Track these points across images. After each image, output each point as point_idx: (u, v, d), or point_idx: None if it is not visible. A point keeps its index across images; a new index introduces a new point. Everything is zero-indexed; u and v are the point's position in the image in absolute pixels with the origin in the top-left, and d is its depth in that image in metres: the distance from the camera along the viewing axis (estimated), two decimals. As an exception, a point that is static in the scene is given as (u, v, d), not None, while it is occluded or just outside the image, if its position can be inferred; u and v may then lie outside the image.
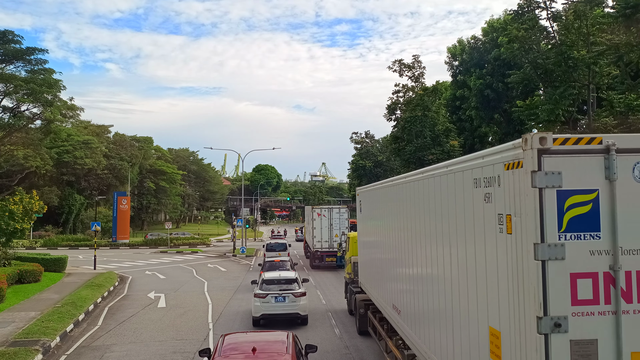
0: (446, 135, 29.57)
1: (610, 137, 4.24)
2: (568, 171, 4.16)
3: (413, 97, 29.63)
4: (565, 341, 4.10)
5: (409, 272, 8.67)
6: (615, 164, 4.19)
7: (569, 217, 4.16)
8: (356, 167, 40.88)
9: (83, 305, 18.50)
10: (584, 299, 4.16)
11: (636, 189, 4.23)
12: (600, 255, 4.18)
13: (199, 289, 23.55)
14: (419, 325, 7.92)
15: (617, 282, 4.16)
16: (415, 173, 8.48)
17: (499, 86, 45.48)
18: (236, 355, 7.52)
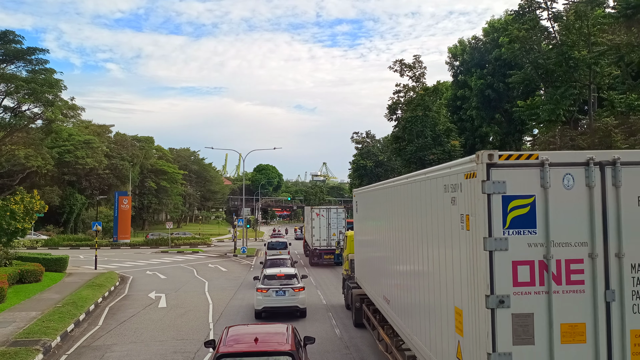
0: (447, 135, 29.56)
1: (545, 153, 5.29)
2: (511, 180, 5.21)
3: (414, 97, 29.62)
4: (507, 314, 5.15)
5: (396, 265, 9.73)
6: (549, 175, 5.23)
7: (511, 217, 5.22)
8: (357, 167, 40.85)
9: (84, 305, 18.52)
10: (523, 281, 5.21)
11: (565, 195, 5.27)
12: (536, 247, 5.24)
13: (200, 289, 23.57)
14: (404, 313, 9.03)
15: (549, 268, 5.22)
16: (401, 178, 9.61)
17: (499, 86, 45.46)
18: (239, 345, 7.99)
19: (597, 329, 5.29)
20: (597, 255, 5.33)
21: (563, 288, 5.29)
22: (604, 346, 5.27)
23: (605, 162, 5.40)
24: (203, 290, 23.20)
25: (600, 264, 5.33)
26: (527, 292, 5.24)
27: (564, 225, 5.30)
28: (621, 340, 5.29)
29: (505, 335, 5.19)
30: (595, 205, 5.35)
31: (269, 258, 24.95)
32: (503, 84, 45.75)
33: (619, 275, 5.33)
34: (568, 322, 5.29)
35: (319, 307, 19.11)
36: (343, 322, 16.38)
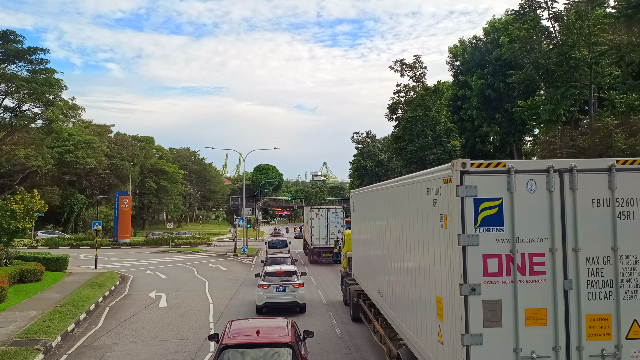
0: (447, 135, 29.53)
1: (511, 162, 6.09)
2: (481, 185, 5.98)
3: (414, 97, 29.59)
4: (478, 301, 5.91)
5: (389, 260, 10.51)
6: (514, 180, 6.00)
7: (482, 217, 5.99)
8: (357, 167, 40.81)
9: (84, 304, 18.53)
10: (492, 272, 5.97)
11: (528, 197, 6.04)
12: (503, 243, 6.00)
13: (200, 289, 23.58)
14: (396, 305, 9.87)
15: (515, 261, 5.99)
16: (393, 181, 10.53)
17: (500, 86, 45.42)
18: (242, 338, 8.48)
19: (557, 314, 6.06)
20: (557, 249, 6.11)
21: (527, 278, 6.06)
22: (562, 328, 6.05)
23: (563, 169, 6.18)
24: (203, 290, 23.21)
25: (559, 257, 6.11)
26: (496, 281, 6.03)
27: (528, 223, 6.07)
28: (578, 324, 6.06)
29: (476, 318, 5.97)
30: (554, 207, 6.13)
31: (269, 256, 25.87)
32: (503, 84, 45.72)
33: (576, 267, 6.12)
34: (531, 307, 6.05)
35: (318, 303, 19.81)
36: (341, 317, 17.13)
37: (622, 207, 6.18)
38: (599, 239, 6.17)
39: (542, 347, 6.04)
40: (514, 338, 5.99)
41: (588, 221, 6.15)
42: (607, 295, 6.14)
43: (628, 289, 6.15)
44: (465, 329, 5.95)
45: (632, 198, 6.20)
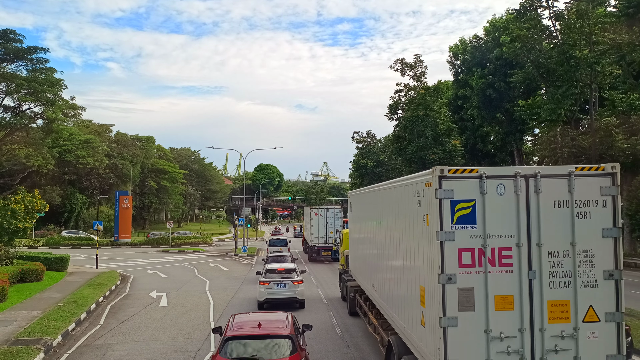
0: (448, 135, 29.51)
1: (483, 168, 6.92)
2: (457, 188, 6.79)
3: (415, 96, 29.56)
4: (454, 288, 6.73)
5: (381, 256, 11.44)
6: (486, 184, 6.82)
7: (457, 216, 6.81)
8: (357, 166, 40.75)
9: (85, 304, 18.53)
10: (466, 264, 6.79)
11: (498, 199, 6.86)
12: (476, 238, 6.82)
13: (201, 288, 23.58)
14: (387, 296, 10.76)
15: (486, 254, 6.79)
16: (385, 183, 11.54)
17: (500, 85, 45.45)
18: (244, 330, 9.06)
19: (522, 300, 6.89)
20: (522, 244, 6.93)
21: (496, 269, 6.90)
22: (527, 313, 6.87)
23: (529, 175, 7.00)
24: (204, 290, 23.21)
25: (524, 251, 6.95)
26: (469, 271, 6.86)
27: (497, 221, 6.91)
28: (540, 309, 6.89)
29: (452, 304, 6.81)
30: (521, 207, 6.96)
31: (270, 255, 26.86)
32: (504, 83, 45.74)
33: (539, 259, 6.94)
34: (500, 294, 6.88)
35: (317, 299, 20.56)
36: (338, 312, 17.94)
37: (579, 208, 7.02)
38: (559, 236, 7.00)
39: (510, 328, 6.89)
40: (485, 321, 6.86)
41: (550, 220, 7.00)
42: (566, 284, 6.99)
43: (585, 279, 7.01)
44: (443, 312, 6.83)
45: (589, 200, 7.04)
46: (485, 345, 6.82)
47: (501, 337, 6.84)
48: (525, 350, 6.86)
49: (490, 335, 6.81)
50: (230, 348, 8.58)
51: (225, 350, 8.54)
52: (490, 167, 7.73)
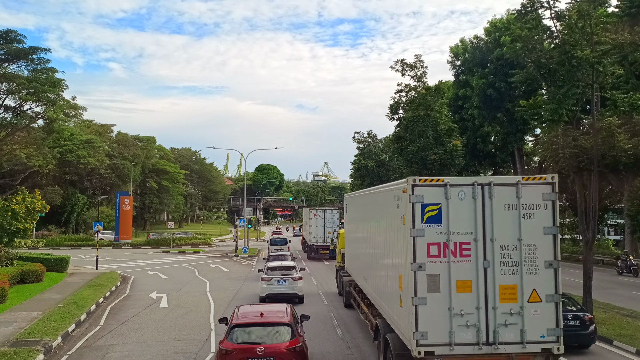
0: (449, 135, 29.39)
1: (447, 178, 8.49)
2: (427, 194, 8.30)
3: (415, 96, 29.48)
4: (424, 275, 8.28)
5: (370, 251, 13.06)
6: (449, 191, 8.37)
7: (427, 216, 8.35)
8: (358, 167, 40.62)
9: (85, 305, 18.48)
10: (433, 255, 8.36)
11: (459, 203, 8.38)
12: (441, 234, 8.40)
13: (201, 289, 23.52)
14: (375, 285, 12.36)
15: (449, 247, 8.33)
16: (373, 188, 13.35)
17: (501, 86, 45.32)
18: (248, 319, 10.16)
19: (478, 284, 8.47)
20: (479, 239, 8.52)
21: (457, 259, 8.47)
22: (482, 294, 8.47)
23: (484, 183, 8.63)
24: (204, 291, 23.16)
25: (480, 245, 8.53)
26: (436, 261, 8.44)
27: (458, 221, 8.47)
28: (493, 291, 8.47)
29: (422, 287, 8.39)
30: (477, 210, 8.53)
31: (271, 254, 27.92)
32: (505, 83, 45.60)
33: (492, 251, 8.53)
34: (460, 279, 8.45)
35: (315, 294, 22.09)
36: (335, 305, 19.57)
37: (525, 210, 8.56)
38: (508, 232, 8.56)
39: (468, 307, 8.43)
40: (448, 300, 8.43)
41: (501, 220, 8.57)
42: (514, 272, 8.55)
43: (529, 267, 8.56)
44: (414, 294, 8.42)
45: (533, 204, 8.56)
46: (449, 320, 8.42)
47: (461, 314, 8.44)
48: (480, 324, 8.46)
49: (452, 312, 8.42)
50: (236, 334, 9.75)
51: (232, 336, 9.72)
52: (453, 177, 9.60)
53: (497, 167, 55.79)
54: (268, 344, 9.51)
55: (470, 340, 8.45)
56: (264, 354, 9.35)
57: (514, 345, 8.48)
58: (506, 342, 8.47)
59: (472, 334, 8.45)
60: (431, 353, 8.38)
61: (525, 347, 8.47)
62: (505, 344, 8.46)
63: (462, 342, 8.43)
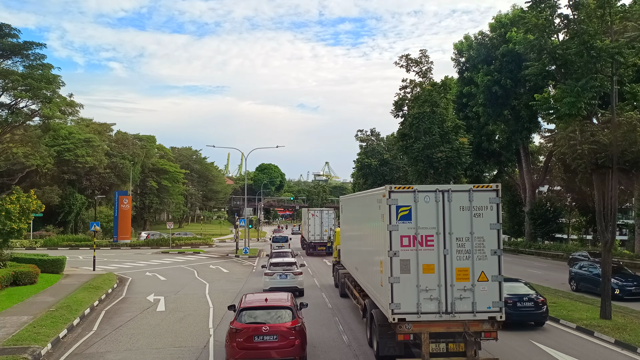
0: (455, 133, 28.54)
1: (416, 186, 10.69)
2: (400, 198, 10.37)
3: (421, 93, 28.64)
4: (398, 260, 10.37)
5: (360, 245, 15.33)
6: (417, 196, 10.55)
7: (400, 215, 10.36)
8: (361, 165, 39.74)
9: (79, 309, 17.66)
10: (405, 244, 10.39)
11: (425, 205, 10.50)
12: (411, 229, 10.43)
13: (200, 292, 22.70)
14: (363, 272, 14.63)
15: (417, 239, 10.38)
16: (361, 193, 16.28)
17: (507, 82, 44.44)
18: (255, 303, 11.79)
19: (439, 267, 10.59)
20: (440, 233, 10.60)
21: (423, 248, 10.57)
22: (442, 275, 10.57)
23: (444, 190, 10.78)
24: (204, 293, 22.34)
25: (441, 237, 10.63)
26: (407, 249, 10.54)
27: (425, 219, 10.58)
28: (451, 272, 10.59)
29: (396, 269, 10.50)
30: (439, 210, 10.64)
31: (274, 250, 30.62)
32: (511, 80, 44.76)
33: (450, 242, 10.61)
34: (426, 263, 10.56)
35: (314, 286, 24.18)
36: (330, 295, 21.78)
37: (476, 211, 10.67)
38: (463, 228, 10.67)
39: (432, 284, 10.61)
40: (416, 279, 10.58)
41: (457, 218, 10.68)
42: (467, 258, 10.65)
43: (479, 255, 10.65)
44: (391, 274, 10.57)
45: (482, 206, 10.71)
46: (417, 294, 10.60)
47: (426, 290, 10.60)
48: (441, 298, 10.64)
49: (419, 289, 10.59)
50: (244, 316, 11.35)
51: (241, 318, 11.31)
52: (420, 185, 12.44)
53: (502, 166, 54.87)
54: (272, 324, 11.15)
55: (433, 310, 10.63)
56: (269, 332, 11.01)
57: (467, 314, 10.65)
58: (461, 312, 10.64)
59: (435, 305, 10.63)
60: (403, 319, 10.60)
61: (476, 315, 10.65)
62: (460, 313, 10.63)
63: (426, 312, 10.62)
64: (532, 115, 46.45)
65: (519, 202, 54.15)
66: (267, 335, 10.95)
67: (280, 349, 10.92)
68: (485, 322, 10.70)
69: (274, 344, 10.94)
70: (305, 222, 47.03)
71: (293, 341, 10.98)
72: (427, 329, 10.64)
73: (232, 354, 10.99)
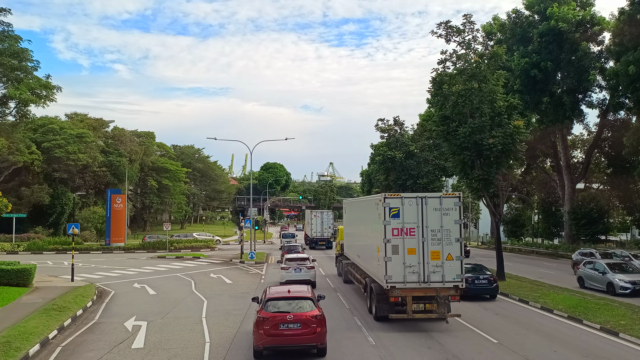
0: (508, 114, 23.39)
1: (403, 194, 16.18)
2: (392, 202, 15.82)
3: (466, 66, 23.49)
4: (390, 245, 15.53)
5: (361, 238, 20.63)
6: (404, 201, 15.89)
7: (391, 214, 15.68)
8: (383, 159, 34.59)
9: (21, 347, 12.60)
10: (395, 234, 15.60)
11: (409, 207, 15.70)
12: (399, 224, 15.64)
13: (195, 314, 17.66)
14: (364, 258, 19.78)
15: (403, 230, 15.59)
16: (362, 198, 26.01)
17: (547, 65, 39.28)
18: (280, 294, 12.94)
19: (419, 250, 15.34)
20: (419, 227, 15.42)
21: (408, 237, 15.38)
22: (421, 255, 15.32)
23: (423, 197, 15.68)
24: (199, 316, 17.30)
25: (420, 230, 15.43)
26: (396, 238, 15.36)
27: (409, 217, 15.44)
28: (427, 254, 15.34)
29: (389, 251, 15.32)
30: (419, 211, 15.51)
31: (285, 245, 34.76)
32: (551, 62, 39.61)
33: (427, 233, 15.38)
34: (409, 247, 15.35)
35: (319, 275, 26.61)
36: (334, 282, 25.45)
37: (445, 211, 15.41)
38: (435, 223, 15.34)
39: (414, 262, 15.26)
40: (403, 259, 15.23)
41: (431, 216, 15.39)
42: (438, 244, 15.32)
43: (446, 241, 15.34)
44: (385, 255, 15.24)
45: (449, 207, 15.44)
46: (403, 269, 15.24)
47: (410, 266, 15.26)
48: (420, 271, 15.25)
49: (405, 265, 15.26)
50: (270, 306, 12.37)
51: (267, 307, 12.33)
52: (406, 193, 16.95)
53: (533, 161, 49.40)
54: (295, 313, 12.10)
55: (415, 280, 15.27)
56: (293, 320, 11.95)
57: (438, 283, 15.28)
58: (434, 281, 15.28)
59: (416, 277, 15.27)
60: (394, 287, 15.25)
61: (444, 284, 15.29)
62: (434, 282, 15.27)
63: (410, 281, 15.26)
64: (575, 103, 41.32)
65: (554, 201, 48.99)
66: (291, 323, 11.90)
67: (303, 336, 11.86)
68: (451, 289, 15.29)
69: (297, 331, 11.85)
70: (308, 222, 54.34)
71: (315, 329, 11.92)
72: (410, 293, 15.20)
73: (260, 340, 11.88)
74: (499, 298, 21.24)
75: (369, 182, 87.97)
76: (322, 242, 49.35)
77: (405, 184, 34.45)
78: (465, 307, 17.93)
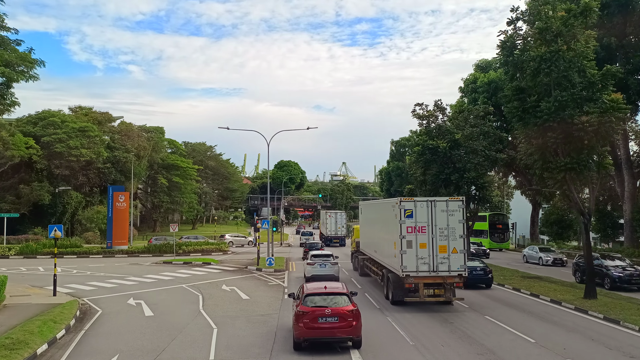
0: (603, 85, 18.15)
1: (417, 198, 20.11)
2: (406, 204, 19.25)
3: (548, 23, 18.26)
4: (405, 240, 18.85)
5: (378, 235, 23.62)
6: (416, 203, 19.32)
7: (406, 214, 19.05)
8: (422, 150, 29.56)
9: None
10: (409, 232, 18.92)
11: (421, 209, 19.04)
12: (413, 223, 19.07)
13: (201, 353, 12.73)
14: (380, 252, 22.93)
15: (416, 228, 19.01)
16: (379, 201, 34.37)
17: (611, 41, 33.85)
18: (317, 290, 13.77)
19: (429, 245, 18.69)
20: (429, 225, 18.82)
21: (420, 234, 18.73)
22: (431, 249, 18.67)
23: (432, 200, 19.20)
24: (206, 357, 12.41)
25: (430, 228, 18.80)
26: (410, 234, 18.70)
27: (421, 217, 18.81)
28: (436, 248, 18.67)
29: (404, 246, 18.64)
30: (429, 212, 18.88)
31: (307, 242, 39.91)
32: (615, 38, 34.13)
33: (436, 231, 18.75)
34: (421, 242, 18.68)
35: None
36: (351, 275, 29.38)
37: (451, 212, 18.75)
38: (443, 222, 18.69)
39: (425, 255, 18.51)
40: (416, 252, 18.51)
41: (440, 216, 18.71)
42: (445, 239, 18.58)
43: (452, 237, 18.59)
44: (401, 249, 18.53)
45: (454, 209, 18.79)
46: (416, 260, 18.36)
47: (422, 258, 18.36)
48: (430, 263, 18.35)
49: (417, 257, 18.37)
50: (309, 301, 13.16)
51: (306, 302, 13.12)
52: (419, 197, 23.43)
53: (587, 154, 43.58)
54: (332, 307, 13.00)
55: (426, 270, 18.33)
56: (331, 314, 12.83)
57: (445, 272, 18.38)
58: (441, 271, 18.37)
59: (427, 267, 18.33)
60: (408, 275, 18.28)
61: (450, 273, 18.39)
62: (441, 272, 18.37)
63: (422, 270, 18.35)
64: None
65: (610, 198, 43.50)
66: (329, 317, 12.79)
67: (340, 329, 12.76)
68: (456, 277, 18.62)
69: (335, 324, 12.76)
70: (323, 222, 60.12)
71: (351, 322, 12.83)
72: (422, 280, 18.53)
73: (300, 333, 12.77)
74: (494, 287, 25.20)
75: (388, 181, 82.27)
76: (336, 240, 55.09)
77: (450, 178, 29.27)
78: (466, 294, 21.25)
